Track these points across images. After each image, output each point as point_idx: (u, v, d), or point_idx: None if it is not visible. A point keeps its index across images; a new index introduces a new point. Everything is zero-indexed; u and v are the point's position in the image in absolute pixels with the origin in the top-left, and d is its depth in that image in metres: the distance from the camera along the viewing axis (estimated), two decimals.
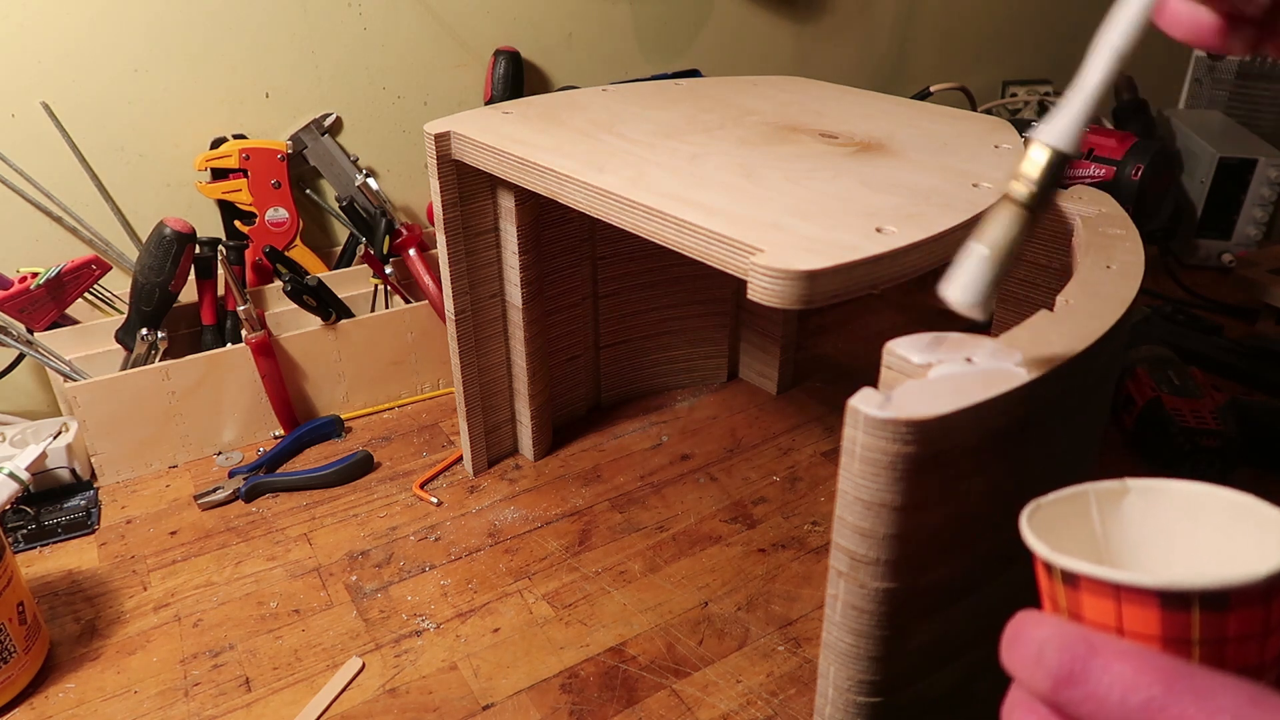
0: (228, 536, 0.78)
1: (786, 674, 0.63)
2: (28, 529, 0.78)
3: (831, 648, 0.42)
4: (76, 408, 0.80)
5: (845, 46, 1.34)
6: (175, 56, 0.91)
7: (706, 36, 1.21)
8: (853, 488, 0.38)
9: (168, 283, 0.84)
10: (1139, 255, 0.52)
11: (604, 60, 1.15)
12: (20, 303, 0.83)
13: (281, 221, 0.96)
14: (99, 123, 0.90)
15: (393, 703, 0.62)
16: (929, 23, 1.40)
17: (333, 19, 0.96)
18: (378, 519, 0.79)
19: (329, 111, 1.00)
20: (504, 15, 1.06)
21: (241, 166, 0.93)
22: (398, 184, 1.07)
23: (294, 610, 0.70)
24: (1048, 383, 0.39)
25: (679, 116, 0.73)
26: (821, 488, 0.82)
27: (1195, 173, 1.22)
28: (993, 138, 0.68)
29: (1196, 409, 0.82)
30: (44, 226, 0.90)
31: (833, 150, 0.65)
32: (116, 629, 0.68)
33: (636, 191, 0.57)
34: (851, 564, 0.39)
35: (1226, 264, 1.21)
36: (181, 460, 0.87)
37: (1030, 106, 1.43)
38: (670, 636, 0.67)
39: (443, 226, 0.74)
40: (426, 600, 0.70)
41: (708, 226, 0.52)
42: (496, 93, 1.03)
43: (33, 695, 0.62)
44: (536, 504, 0.81)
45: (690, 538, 0.76)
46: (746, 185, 0.58)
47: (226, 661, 0.65)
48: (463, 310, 0.78)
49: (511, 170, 0.66)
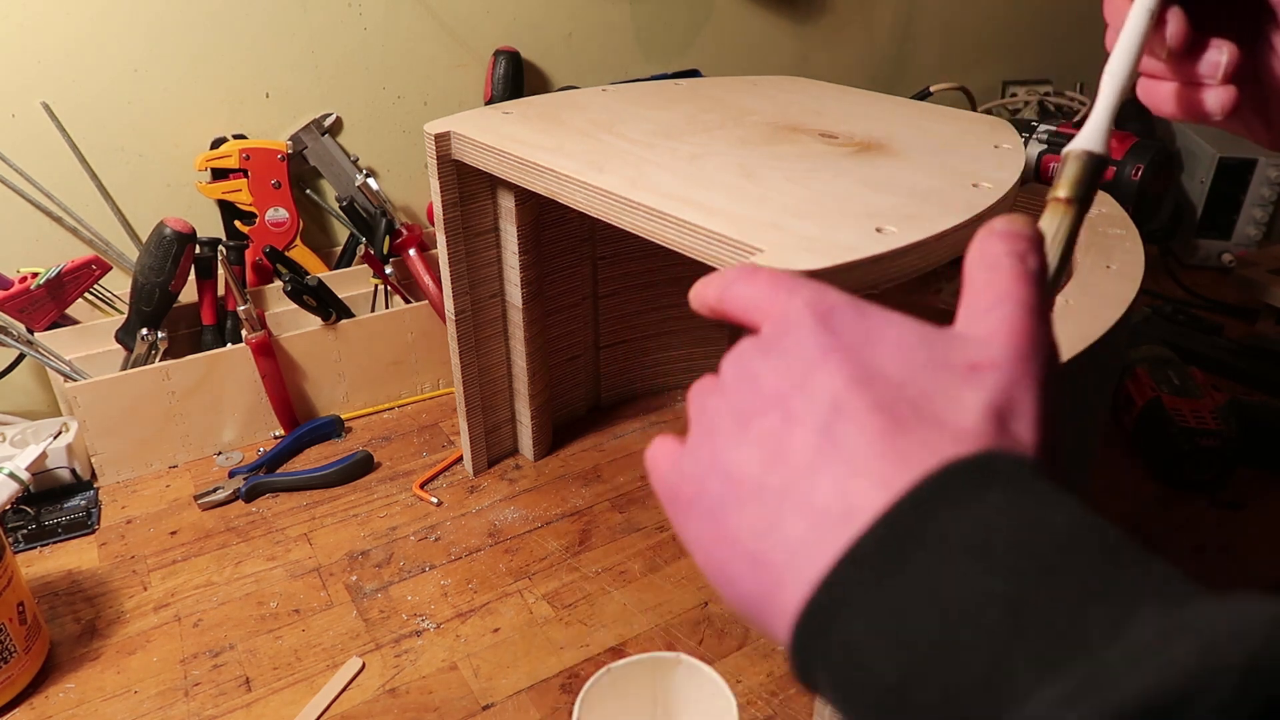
0: (228, 536, 0.78)
1: (786, 674, 0.63)
2: (28, 529, 0.78)
3: None
4: (76, 408, 0.80)
5: (845, 46, 1.34)
6: (175, 56, 0.91)
7: (706, 36, 1.21)
8: None
9: (168, 283, 0.84)
10: (1139, 255, 0.52)
11: (604, 60, 1.15)
12: (20, 303, 0.83)
13: (281, 221, 0.96)
14: (99, 123, 0.90)
15: (393, 703, 0.62)
16: (929, 23, 1.40)
17: (333, 19, 0.96)
18: (378, 519, 0.79)
19: (329, 111, 1.00)
20: (504, 15, 1.06)
21: (241, 166, 0.93)
22: (398, 184, 1.07)
23: (294, 610, 0.70)
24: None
25: (679, 116, 0.73)
26: None
27: (1195, 173, 1.22)
28: (993, 138, 0.68)
29: (1196, 409, 0.81)
30: (44, 226, 0.90)
31: (833, 150, 0.65)
32: (116, 629, 0.68)
33: (636, 191, 0.57)
34: None
35: (1226, 264, 1.21)
36: (181, 460, 0.87)
37: (1030, 106, 1.42)
38: (670, 636, 0.67)
39: (443, 226, 0.74)
40: (426, 600, 0.70)
41: (708, 226, 0.52)
42: (496, 93, 1.03)
43: (33, 695, 0.62)
44: (536, 504, 0.81)
45: None
46: (746, 185, 0.58)
47: (226, 661, 0.65)
48: (463, 310, 0.78)
49: (511, 170, 0.66)
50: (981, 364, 0.24)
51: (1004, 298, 0.25)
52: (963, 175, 0.59)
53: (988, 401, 0.23)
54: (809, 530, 0.23)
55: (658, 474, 0.29)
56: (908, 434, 0.23)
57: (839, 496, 0.23)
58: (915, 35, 1.39)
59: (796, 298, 0.27)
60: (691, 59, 1.21)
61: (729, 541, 0.25)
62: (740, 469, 0.25)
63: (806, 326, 0.26)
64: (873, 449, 0.23)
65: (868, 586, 0.21)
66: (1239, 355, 0.98)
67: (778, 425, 0.25)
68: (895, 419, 0.23)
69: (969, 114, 0.75)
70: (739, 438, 0.26)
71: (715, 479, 0.26)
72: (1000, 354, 0.24)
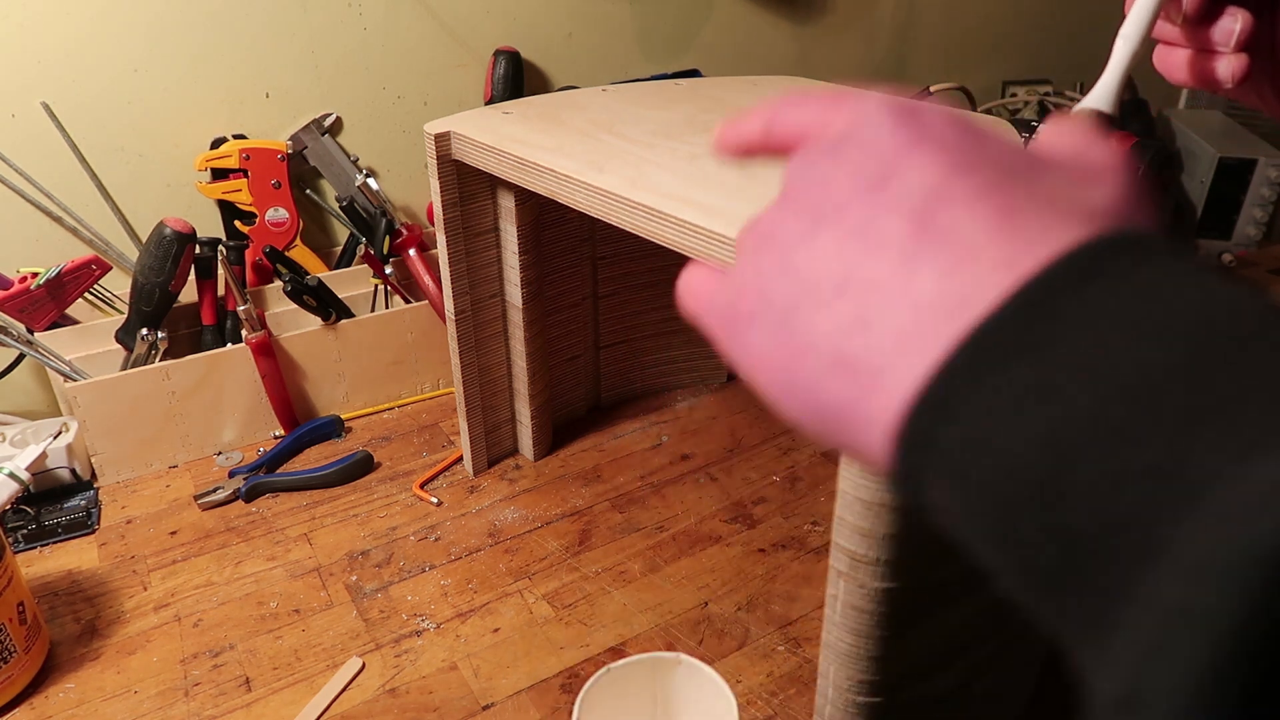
0: (228, 536, 0.78)
1: (786, 674, 0.63)
2: (28, 529, 0.78)
3: (831, 648, 0.42)
4: (76, 408, 0.80)
5: (845, 46, 1.34)
6: (175, 56, 0.91)
7: (706, 36, 1.21)
8: (853, 488, 0.38)
9: (168, 283, 0.84)
10: None
11: (604, 60, 1.15)
12: (20, 303, 0.83)
13: (281, 221, 0.96)
14: (99, 123, 0.90)
15: (393, 703, 0.62)
16: (929, 23, 1.40)
17: (333, 19, 0.96)
18: (378, 519, 0.79)
19: (329, 111, 1.00)
20: (504, 15, 1.06)
21: (241, 166, 0.93)
22: (398, 184, 1.07)
23: (294, 610, 0.70)
24: None
25: (679, 116, 0.73)
26: (821, 488, 0.82)
27: (1195, 173, 1.22)
28: None
29: None
30: (44, 226, 0.90)
31: None
32: (116, 629, 0.68)
33: (636, 191, 0.57)
34: (851, 564, 0.39)
35: (1226, 264, 1.21)
36: (181, 460, 0.87)
37: (1030, 106, 1.42)
38: (670, 636, 0.67)
39: (443, 226, 0.74)
40: (426, 600, 0.70)
41: (708, 226, 0.52)
42: (496, 93, 1.03)
43: (33, 695, 0.62)
44: (536, 504, 0.81)
45: (690, 538, 0.76)
46: (746, 185, 0.58)
47: (226, 661, 0.65)
48: (463, 310, 0.78)
49: (511, 170, 0.66)
50: (1099, 174, 0.21)
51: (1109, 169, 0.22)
52: None
53: (1117, 194, 0.20)
54: (912, 322, 0.19)
55: (701, 296, 0.26)
56: (1026, 217, 0.19)
57: (949, 283, 0.19)
58: (915, 35, 1.39)
59: (868, 100, 0.23)
60: (691, 59, 1.21)
61: (805, 350, 0.21)
62: (816, 267, 0.22)
63: (886, 123, 0.22)
64: (986, 232, 0.19)
65: (996, 371, 0.18)
66: None
67: (862, 217, 0.21)
68: (1009, 202, 0.20)
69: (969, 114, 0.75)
70: (811, 237, 0.22)
71: (784, 282, 0.22)
72: (1117, 182, 0.21)
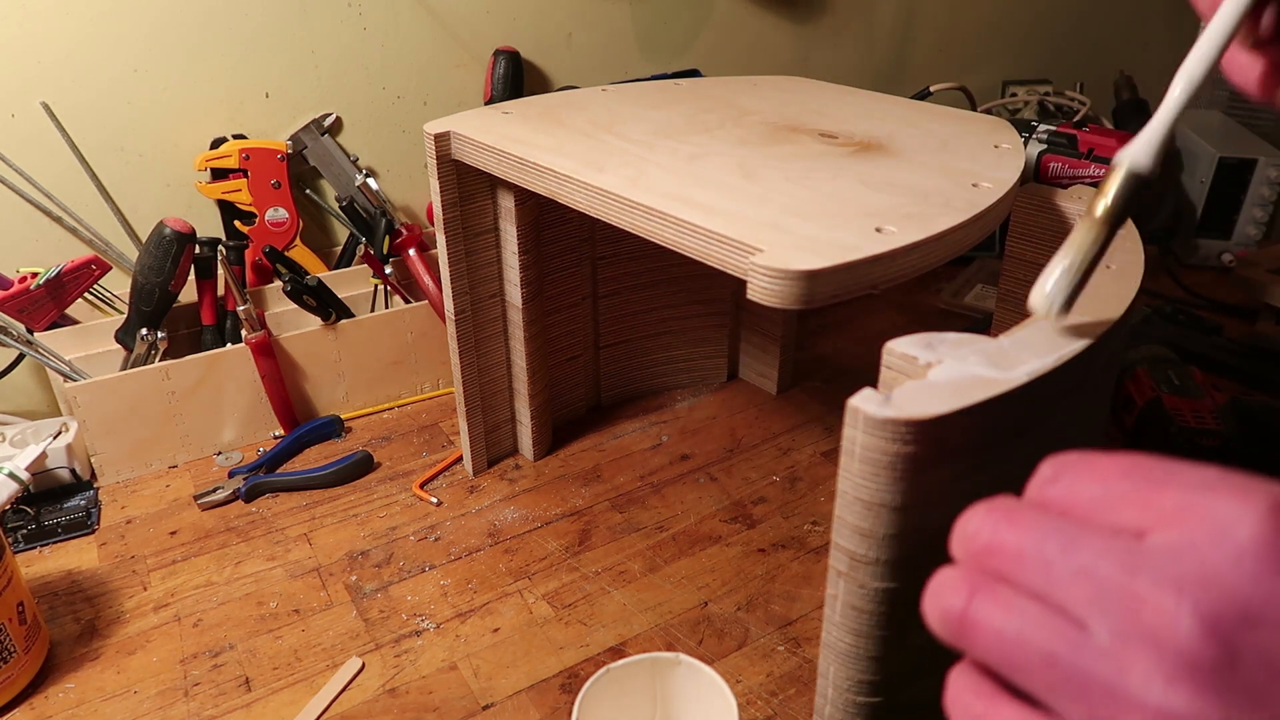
0: (228, 536, 0.78)
1: (786, 674, 0.63)
2: (28, 529, 0.78)
3: (831, 648, 0.42)
4: (76, 408, 0.80)
5: (845, 46, 1.34)
6: (175, 56, 0.91)
7: (706, 36, 1.21)
8: (853, 488, 0.38)
9: (168, 283, 0.84)
10: (1139, 255, 0.52)
11: (604, 60, 1.15)
12: (20, 303, 0.83)
13: (281, 221, 0.96)
14: (99, 123, 0.90)
15: (393, 703, 0.62)
16: (929, 23, 1.40)
17: (332, 19, 0.96)
18: (378, 519, 0.79)
19: (329, 111, 1.00)
20: (504, 15, 1.06)
21: (241, 166, 0.93)
22: (398, 184, 1.07)
23: (294, 610, 0.70)
24: (1048, 383, 0.39)
25: (679, 116, 0.73)
26: (821, 488, 0.82)
27: (1195, 173, 1.22)
28: (993, 138, 0.68)
29: (1196, 409, 0.81)
30: (44, 226, 0.90)
31: (832, 150, 0.65)
32: (116, 629, 0.68)
33: (636, 191, 0.57)
34: (851, 564, 0.39)
35: (1226, 264, 1.21)
36: (181, 460, 0.87)
37: (1030, 106, 1.43)
38: (670, 636, 0.67)
39: (443, 226, 0.74)
40: (426, 600, 0.70)
41: (707, 226, 0.52)
42: (496, 93, 1.03)
43: (33, 695, 0.62)
44: (536, 504, 0.81)
45: (690, 538, 0.76)
46: (746, 185, 0.58)
47: (226, 661, 0.65)
48: (463, 310, 0.78)
49: (511, 170, 0.66)
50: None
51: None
52: (963, 175, 0.59)
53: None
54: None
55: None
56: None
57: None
58: (915, 35, 1.39)
59: (1186, 598, 0.21)
60: (691, 59, 1.21)
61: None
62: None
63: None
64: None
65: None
66: (1239, 355, 0.98)
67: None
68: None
69: (969, 114, 0.75)
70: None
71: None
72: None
